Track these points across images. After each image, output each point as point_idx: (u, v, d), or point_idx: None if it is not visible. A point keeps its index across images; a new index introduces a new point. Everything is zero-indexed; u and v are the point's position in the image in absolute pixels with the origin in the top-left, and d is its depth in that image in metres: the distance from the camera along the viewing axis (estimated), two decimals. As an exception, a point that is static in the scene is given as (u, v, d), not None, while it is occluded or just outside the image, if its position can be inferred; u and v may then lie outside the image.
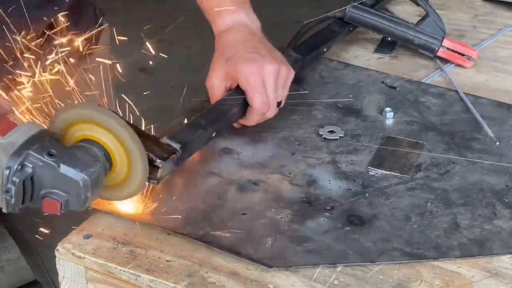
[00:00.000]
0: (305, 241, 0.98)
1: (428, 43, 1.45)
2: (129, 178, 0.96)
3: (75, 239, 0.99)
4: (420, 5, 1.48)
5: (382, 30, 1.48)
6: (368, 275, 0.93)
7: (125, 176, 0.96)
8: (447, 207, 1.05)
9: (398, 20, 1.47)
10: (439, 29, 1.45)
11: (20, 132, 0.91)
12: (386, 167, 1.13)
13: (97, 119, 0.94)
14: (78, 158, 0.92)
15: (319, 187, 1.09)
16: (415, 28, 1.45)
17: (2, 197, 0.90)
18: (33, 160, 0.89)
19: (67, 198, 0.90)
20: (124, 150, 0.94)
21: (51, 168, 0.90)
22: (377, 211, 1.04)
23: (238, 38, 1.21)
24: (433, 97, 1.34)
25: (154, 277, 0.93)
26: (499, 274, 0.94)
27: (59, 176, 0.90)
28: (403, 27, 1.46)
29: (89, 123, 0.94)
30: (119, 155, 0.95)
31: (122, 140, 0.94)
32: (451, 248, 0.98)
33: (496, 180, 1.11)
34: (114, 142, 0.94)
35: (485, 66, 1.47)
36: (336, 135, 1.21)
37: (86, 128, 0.95)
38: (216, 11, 1.24)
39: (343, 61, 1.47)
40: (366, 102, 1.32)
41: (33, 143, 0.90)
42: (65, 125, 0.96)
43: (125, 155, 0.95)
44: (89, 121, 0.94)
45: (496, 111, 1.30)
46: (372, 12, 1.49)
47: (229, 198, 1.06)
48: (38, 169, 0.90)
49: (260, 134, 1.21)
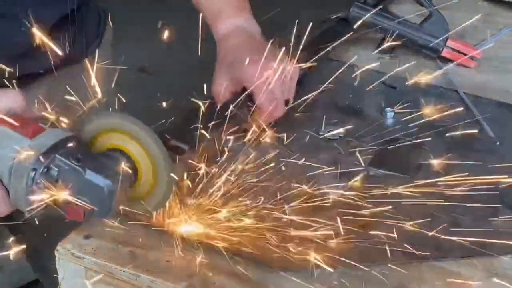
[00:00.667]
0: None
1: (432, 43, 1.45)
2: (153, 191, 0.95)
3: (75, 239, 0.99)
4: (424, 5, 1.47)
5: (386, 30, 1.48)
6: (368, 275, 0.93)
7: (150, 189, 0.96)
8: (447, 207, 1.05)
9: (402, 21, 1.47)
10: (443, 29, 1.44)
11: (48, 136, 0.91)
12: (386, 167, 1.13)
13: (126, 129, 0.93)
14: (104, 165, 0.91)
15: (319, 187, 1.09)
16: (419, 28, 1.45)
17: (25, 199, 0.90)
18: (59, 164, 0.89)
19: (91, 205, 0.89)
20: (151, 162, 0.94)
21: (76, 173, 0.89)
22: (377, 211, 1.04)
23: (239, 42, 1.21)
24: (433, 97, 1.34)
25: (154, 277, 0.93)
26: (499, 274, 0.94)
27: (84, 181, 0.89)
28: (407, 28, 1.46)
29: (118, 132, 0.93)
30: (146, 166, 0.94)
31: (150, 152, 0.93)
32: (451, 248, 0.97)
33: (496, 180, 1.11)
34: (141, 153, 0.93)
35: (486, 66, 1.47)
36: (336, 135, 1.21)
37: (115, 137, 0.94)
38: (216, 17, 1.24)
39: (343, 61, 1.47)
40: (366, 102, 1.32)
41: (60, 147, 0.90)
42: (94, 133, 0.95)
43: (152, 168, 0.94)
44: (118, 130, 0.93)
45: (497, 111, 1.30)
46: (376, 12, 1.49)
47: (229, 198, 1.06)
48: (63, 173, 0.89)
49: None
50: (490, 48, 1.55)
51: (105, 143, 0.95)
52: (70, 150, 0.90)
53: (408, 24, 1.46)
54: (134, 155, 0.94)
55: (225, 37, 1.23)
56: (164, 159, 0.93)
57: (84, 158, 0.90)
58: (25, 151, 0.88)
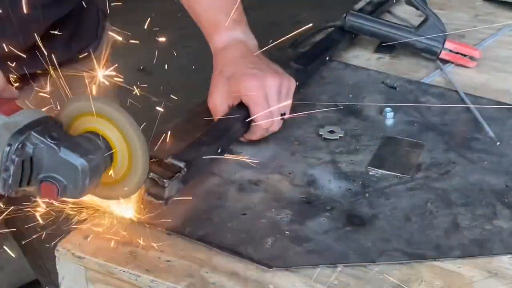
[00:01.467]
0: (305, 241, 0.98)
1: (430, 46, 1.45)
2: (128, 177, 0.96)
3: (75, 239, 0.99)
4: (419, 9, 1.47)
5: (382, 36, 1.48)
6: (368, 275, 0.93)
7: (124, 175, 0.96)
8: (447, 207, 1.05)
9: (398, 26, 1.47)
10: (440, 31, 1.44)
11: (25, 115, 0.92)
12: (386, 167, 1.13)
13: (105, 114, 0.93)
14: (80, 145, 0.91)
15: (319, 187, 1.09)
16: (416, 32, 1.45)
17: (0, 176, 0.90)
18: (34, 141, 0.89)
19: (65, 183, 0.90)
20: (127, 146, 0.94)
21: (51, 151, 0.90)
22: (377, 211, 1.04)
23: (236, 55, 1.21)
24: (433, 97, 1.34)
25: (154, 277, 0.93)
26: (499, 274, 0.94)
27: (59, 160, 0.90)
28: (404, 32, 1.46)
29: (98, 116, 0.94)
30: (121, 151, 0.95)
31: (127, 139, 0.94)
32: (451, 248, 0.97)
33: (496, 180, 1.11)
34: (119, 139, 0.94)
35: (486, 66, 1.47)
36: (336, 135, 1.21)
37: (94, 121, 0.94)
38: (213, 29, 1.24)
39: (343, 61, 1.47)
40: (366, 102, 1.32)
41: (36, 125, 0.90)
42: (72, 115, 0.96)
43: (127, 152, 0.95)
44: (97, 114, 0.94)
45: (496, 111, 1.30)
46: (371, 19, 1.49)
47: (229, 198, 1.06)
48: (38, 150, 0.90)
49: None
50: (490, 48, 1.55)
51: (84, 126, 0.96)
52: (46, 129, 0.91)
53: (404, 28, 1.46)
54: (112, 140, 0.94)
55: (222, 49, 1.23)
56: (141, 147, 0.94)
57: (60, 137, 0.91)
58: (1, 128, 0.90)
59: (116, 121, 0.94)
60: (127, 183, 0.96)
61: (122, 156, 0.95)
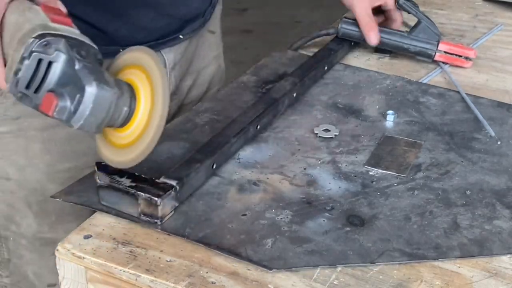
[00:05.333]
0: (305, 242, 0.98)
1: (424, 50, 1.45)
2: (135, 143, 0.94)
3: (75, 239, 0.99)
4: (411, 12, 1.48)
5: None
6: (368, 275, 0.93)
7: (132, 142, 0.94)
8: (447, 207, 1.05)
9: (391, 30, 1.47)
10: (433, 33, 1.44)
11: (71, 31, 0.89)
12: (382, 166, 1.14)
13: (149, 71, 0.91)
14: (102, 75, 0.88)
15: (319, 188, 1.09)
16: (409, 36, 1.45)
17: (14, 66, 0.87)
18: (60, 48, 0.87)
19: (66, 101, 0.87)
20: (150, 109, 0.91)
21: (70, 63, 0.87)
22: (377, 212, 1.04)
23: None
24: (433, 97, 1.34)
25: (154, 277, 0.93)
26: (499, 274, 0.94)
27: (72, 74, 0.86)
28: (397, 37, 1.46)
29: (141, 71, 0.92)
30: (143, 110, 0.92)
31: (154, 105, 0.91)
32: (451, 248, 0.98)
33: (496, 180, 1.11)
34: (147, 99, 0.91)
35: (485, 66, 1.47)
36: (331, 134, 1.21)
37: (134, 73, 0.93)
38: None
39: (343, 62, 1.48)
40: (366, 102, 1.32)
41: (73, 40, 0.88)
42: (123, 64, 0.95)
43: (147, 116, 0.92)
44: (142, 69, 0.92)
45: (496, 111, 1.30)
46: None
47: (229, 198, 1.06)
48: (59, 58, 0.87)
49: (260, 134, 1.21)
50: (490, 48, 1.55)
51: (126, 76, 0.94)
52: (80, 46, 0.88)
53: (397, 33, 1.46)
54: (140, 98, 0.92)
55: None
56: (161, 118, 0.91)
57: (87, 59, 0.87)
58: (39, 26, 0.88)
59: (155, 84, 0.91)
60: (133, 149, 0.95)
61: (142, 117, 0.93)
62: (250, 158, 1.15)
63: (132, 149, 0.95)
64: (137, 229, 1.00)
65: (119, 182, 1.00)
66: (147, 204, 0.99)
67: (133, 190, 0.99)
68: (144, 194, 0.98)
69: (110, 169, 1.00)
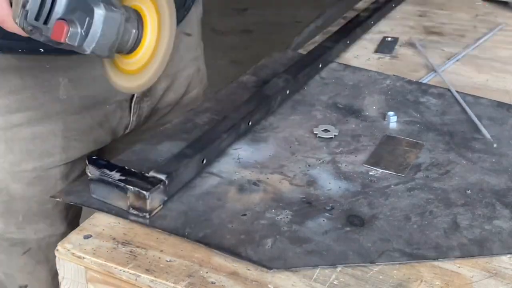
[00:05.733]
0: (305, 242, 0.98)
1: None
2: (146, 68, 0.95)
3: (75, 239, 0.99)
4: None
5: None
6: (368, 275, 0.93)
7: (142, 66, 0.96)
8: (447, 207, 1.05)
9: None
10: None
11: None
12: (382, 166, 1.14)
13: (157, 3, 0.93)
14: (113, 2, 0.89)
15: (319, 187, 1.09)
16: None
17: None
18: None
19: (77, 26, 0.88)
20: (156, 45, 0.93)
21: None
22: (377, 211, 1.04)
23: None
24: (433, 97, 1.34)
25: (154, 277, 0.93)
26: (499, 274, 0.94)
27: (81, 1, 0.88)
28: None
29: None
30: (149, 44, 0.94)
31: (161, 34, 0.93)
32: (451, 248, 0.98)
33: (496, 180, 1.11)
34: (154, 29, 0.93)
35: (485, 66, 1.47)
36: (330, 134, 1.21)
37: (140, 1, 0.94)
38: None
39: (343, 62, 1.48)
40: (366, 102, 1.32)
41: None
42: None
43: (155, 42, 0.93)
44: None
45: (496, 111, 1.30)
46: None
47: (228, 198, 1.06)
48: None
49: (260, 134, 1.21)
50: (490, 48, 1.55)
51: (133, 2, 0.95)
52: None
53: None
54: (147, 24, 0.93)
55: None
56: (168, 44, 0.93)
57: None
58: None
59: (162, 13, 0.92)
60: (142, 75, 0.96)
61: (149, 43, 0.94)
62: (250, 158, 1.15)
63: (140, 75, 0.97)
64: (137, 229, 1.00)
65: (109, 176, 1.01)
66: (136, 197, 0.99)
67: (122, 184, 1.00)
68: (133, 188, 0.99)
69: (100, 162, 1.02)
